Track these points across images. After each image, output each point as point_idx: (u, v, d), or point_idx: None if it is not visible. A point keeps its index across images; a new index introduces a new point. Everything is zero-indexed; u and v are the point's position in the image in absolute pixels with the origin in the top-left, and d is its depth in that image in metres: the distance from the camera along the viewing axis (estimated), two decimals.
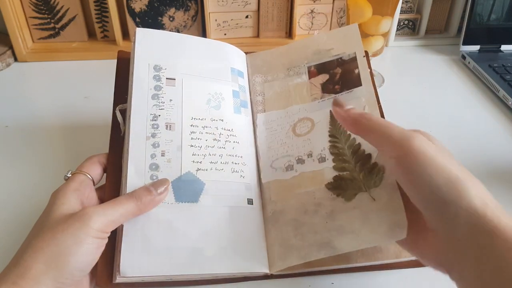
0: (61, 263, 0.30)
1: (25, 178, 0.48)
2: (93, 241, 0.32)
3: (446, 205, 0.30)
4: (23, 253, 0.31)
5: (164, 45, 0.45)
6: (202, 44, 0.48)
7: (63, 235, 0.31)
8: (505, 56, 0.73)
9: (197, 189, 0.39)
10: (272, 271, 0.37)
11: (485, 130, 0.57)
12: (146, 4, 0.72)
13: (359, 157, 0.39)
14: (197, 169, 0.39)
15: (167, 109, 0.41)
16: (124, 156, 0.40)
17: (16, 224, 0.42)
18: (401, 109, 0.62)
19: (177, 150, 0.40)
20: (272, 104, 0.47)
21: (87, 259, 0.32)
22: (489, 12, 0.73)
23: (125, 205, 0.34)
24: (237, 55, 0.49)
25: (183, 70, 0.44)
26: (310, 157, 0.41)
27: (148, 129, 0.40)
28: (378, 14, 0.60)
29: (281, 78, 0.48)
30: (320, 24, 0.79)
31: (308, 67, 0.48)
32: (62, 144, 0.54)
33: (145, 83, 0.42)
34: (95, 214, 0.32)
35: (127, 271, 0.34)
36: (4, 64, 0.70)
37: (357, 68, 0.45)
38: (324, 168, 0.40)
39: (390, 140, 0.33)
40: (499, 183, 0.48)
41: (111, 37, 0.75)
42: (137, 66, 0.42)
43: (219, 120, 0.43)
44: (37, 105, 0.62)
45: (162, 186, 0.37)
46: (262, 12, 0.75)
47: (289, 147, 0.43)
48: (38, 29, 0.74)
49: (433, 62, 0.75)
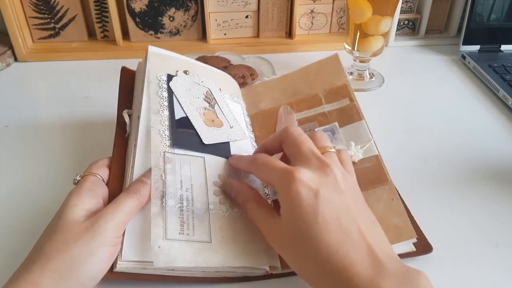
0: (74, 273, 0.30)
1: (25, 178, 0.48)
2: (106, 249, 0.32)
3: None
4: (36, 259, 0.31)
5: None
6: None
7: (76, 245, 0.31)
8: (505, 56, 0.73)
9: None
10: (272, 269, 0.37)
11: (485, 130, 0.57)
12: (146, 4, 0.72)
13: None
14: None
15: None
16: (128, 153, 0.41)
17: (16, 224, 0.42)
18: (401, 109, 0.62)
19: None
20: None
21: (99, 268, 0.32)
22: (489, 12, 0.73)
23: (127, 202, 0.34)
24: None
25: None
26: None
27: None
28: (378, 14, 0.60)
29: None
30: (320, 24, 0.79)
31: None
32: (62, 144, 0.54)
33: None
34: (104, 222, 0.32)
35: (129, 255, 0.33)
36: (4, 64, 0.70)
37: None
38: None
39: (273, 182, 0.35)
40: (499, 183, 0.48)
41: (111, 37, 0.75)
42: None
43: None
44: (37, 105, 0.62)
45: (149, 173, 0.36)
46: (262, 12, 0.75)
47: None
48: (38, 29, 0.74)
49: (433, 62, 0.75)
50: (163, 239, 0.34)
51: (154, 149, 0.38)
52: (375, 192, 0.40)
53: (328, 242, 0.30)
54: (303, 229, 0.31)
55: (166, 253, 0.33)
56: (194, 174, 0.39)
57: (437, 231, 0.40)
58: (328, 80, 0.51)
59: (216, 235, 0.36)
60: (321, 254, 0.30)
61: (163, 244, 0.34)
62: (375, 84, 0.68)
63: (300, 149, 0.35)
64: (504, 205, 0.46)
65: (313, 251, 0.31)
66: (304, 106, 0.50)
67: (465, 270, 0.39)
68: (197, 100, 0.45)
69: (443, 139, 0.56)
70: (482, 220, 0.44)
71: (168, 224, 0.35)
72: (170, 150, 0.39)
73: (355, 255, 0.30)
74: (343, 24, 0.79)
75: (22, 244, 0.34)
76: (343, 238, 0.31)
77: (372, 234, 0.32)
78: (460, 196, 0.46)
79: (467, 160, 0.52)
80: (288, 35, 0.79)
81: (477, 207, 0.45)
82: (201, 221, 0.36)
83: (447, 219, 0.44)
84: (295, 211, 0.32)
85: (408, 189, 0.44)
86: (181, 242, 0.34)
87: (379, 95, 0.66)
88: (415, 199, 0.43)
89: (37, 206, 0.44)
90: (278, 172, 0.34)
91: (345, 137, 0.46)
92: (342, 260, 0.30)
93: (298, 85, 0.52)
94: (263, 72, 0.68)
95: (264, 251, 0.37)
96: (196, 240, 0.35)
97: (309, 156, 0.35)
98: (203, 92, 0.46)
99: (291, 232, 0.32)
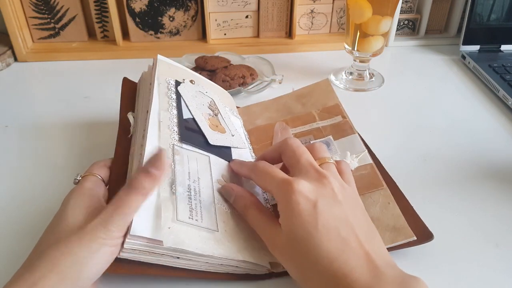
0: (76, 275, 0.30)
1: (25, 178, 0.48)
2: (108, 249, 0.32)
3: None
4: (37, 260, 0.31)
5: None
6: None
7: (79, 247, 0.31)
8: (505, 56, 0.73)
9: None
10: (273, 267, 0.37)
11: (485, 130, 0.57)
12: (146, 4, 0.72)
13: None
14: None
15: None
16: (131, 154, 0.41)
17: (17, 224, 0.42)
18: (401, 109, 0.62)
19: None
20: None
21: (99, 267, 0.32)
22: (489, 12, 0.73)
23: (128, 202, 0.32)
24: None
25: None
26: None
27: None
28: (378, 14, 0.60)
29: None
30: (320, 24, 0.79)
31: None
32: (62, 144, 0.54)
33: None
34: (103, 223, 0.32)
35: (139, 230, 0.32)
36: (4, 64, 0.70)
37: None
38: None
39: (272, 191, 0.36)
40: (499, 183, 0.48)
41: (111, 37, 0.75)
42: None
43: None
44: (37, 105, 0.62)
45: (158, 162, 0.33)
46: (262, 12, 0.75)
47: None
48: (38, 29, 0.74)
49: (433, 62, 0.75)
50: (173, 221, 0.34)
51: (164, 141, 0.39)
52: (371, 196, 0.42)
53: (328, 249, 0.31)
54: (304, 237, 0.32)
55: (176, 235, 0.33)
56: (201, 169, 0.39)
57: (437, 231, 0.40)
58: (321, 101, 0.54)
59: (221, 227, 0.36)
60: (322, 261, 0.31)
61: (173, 226, 0.34)
62: (375, 84, 0.68)
63: (299, 160, 0.36)
64: (504, 205, 0.46)
65: (313, 259, 0.32)
66: (299, 122, 0.52)
67: (465, 270, 0.39)
68: (202, 107, 0.46)
69: (443, 139, 0.56)
70: (482, 220, 0.44)
71: (178, 207, 0.35)
72: (178, 144, 0.40)
73: (354, 262, 0.31)
74: (343, 24, 0.79)
75: (22, 244, 0.34)
76: (342, 246, 0.31)
77: (371, 243, 0.33)
78: (460, 196, 0.47)
79: (467, 160, 0.52)
80: (288, 35, 0.79)
81: (477, 207, 0.45)
82: (208, 211, 0.37)
83: (447, 219, 0.44)
84: (295, 220, 0.33)
85: (408, 189, 0.44)
86: (190, 226, 0.34)
87: (379, 95, 0.66)
88: (415, 199, 0.43)
89: (37, 206, 0.44)
90: (277, 182, 0.35)
91: (340, 149, 0.48)
92: (342, 267, 0.31)
93: (292, 106, 0.55)
94: (263, 72, 0.68)
95: (265, 248, 0.37)
96: (204, 227, 0.35)
97: (307, 167, 0.36)
98: (207, 101, 0.48)
99: (292, 240, 0.33)
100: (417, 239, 0.39)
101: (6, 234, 0.41)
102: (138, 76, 0.50)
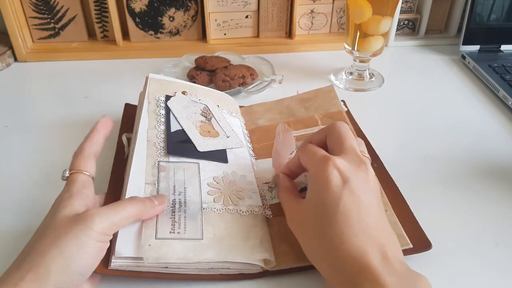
0: (62, 267, 0.30)
1: (25, 178, 0.48)
2: (95, 244, 0.32)
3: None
4: (26, 255, 0.31)
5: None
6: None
7: (66, 238, 0.31)
8: (505, 56, 0.73)
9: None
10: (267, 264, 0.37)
11: (485, 130, 0.57)
12: (146, 4, 0.72)
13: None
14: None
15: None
16: (126, 173, 0.42)
17: (16, 224, 0.42)
18: (401, 109, 0.62)
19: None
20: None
21: (87, 262, 0.32)
22: (489, 12, 0.73)
23: (128, 208, 0.35)
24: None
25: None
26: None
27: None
28: (378, 14, 0.60)
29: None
30: (320, 24, 0.79)
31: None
32: (62, 144, 0.54)
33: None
34: (98, 216, 0.32)
35: (122, 251, 0.34)
36: (4, 64, 0.70)
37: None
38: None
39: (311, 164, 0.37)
40: (499, 183, 0.48)
41: (111, 37, 0.75)
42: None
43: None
44: (37, 105, 0.62)
45: (161, 199, 0.38)
46: (262, 12, 0.75)
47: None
48: (38, 29, 0.74)
49: (433, 62, 0.75)
50: (154, 239, 0.35)
51: (150, 160, 0.42)
52: None
53: (342, 230, 0.32)
54: (324, 208, 0.33)
55: (156, 251, 0.35)
56: (188, 178, 0.42)
57: (437, 231, 0.40)
58: (324, 106, 0.55)
59: (208, 233, 0.37)
60: (335, 240, 0.32)
61: (153, 242, 0.35)
62: (375, 84, 0.68)
63: (343, 143, 0.37)
64: (504, 205, 0.46)
65: (329, 234, 0.32)
66: (301, 125, 0.53)
67: (465, 270, 0.39)
68: (193, 115, 0.49)
69: (443, 139, 0.56)
70: (482, 220, 0.44)
71: (159, 224, 0.37)
72: (164, 159, 0.43)
73: (368, 248, 0.31)
74: (343, 24, 0.79)
75: (22, 244, 0.34)
76: (358, 230, 0.32)
77: (387, 236, 0.33)
78: (460, 196, 0.46)
79: (467, 160, 0.52)
80: (288, 35, 0.79)
81: (477, 207, 0.45)
82: (193, 219, 0.38)
83: (447, 219, 0.44)
84: (322, 189, 0.34)
85: (408, 189, 0.44)
86: (172, 240, 0.36)
87: (379, 95, 0.66)
88: (415, 199, 0.43)
89: (37, 206, 0.44)
90: (319, 157, 0.36)
91: None
92: (355, 250, 0.31)
93: (294, 109, 0.55)
94: (263, 72, 0.68)
95: (258, 245, 0.38)
96: (187, 238, 0.36)
97: (349, 150, 0.37)
98: (200, 108, 0.50)
99: (313, 211, 0.34)
100: (415, 247, 0.39)
101: (6, 234, 0.41)
102: (138, 76, 0.51)
